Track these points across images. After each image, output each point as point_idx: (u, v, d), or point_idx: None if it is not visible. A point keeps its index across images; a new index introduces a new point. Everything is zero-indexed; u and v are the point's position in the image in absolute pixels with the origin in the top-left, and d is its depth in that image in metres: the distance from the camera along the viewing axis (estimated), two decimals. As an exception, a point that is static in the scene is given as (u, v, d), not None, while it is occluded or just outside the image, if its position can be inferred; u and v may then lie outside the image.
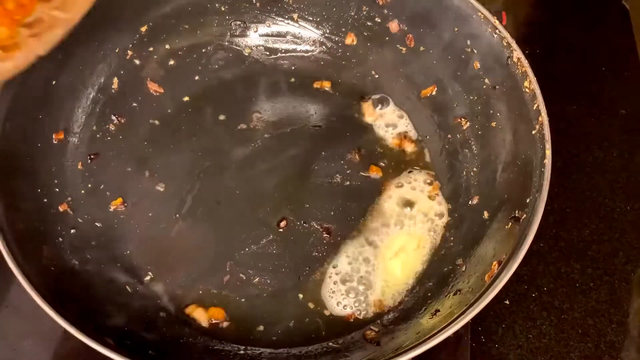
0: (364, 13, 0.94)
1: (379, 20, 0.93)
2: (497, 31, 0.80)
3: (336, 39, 0.99)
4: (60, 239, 0.79)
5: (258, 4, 0.99)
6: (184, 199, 0.88)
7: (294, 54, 1.01)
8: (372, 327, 0.78)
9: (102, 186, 0.87)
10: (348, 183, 0.90)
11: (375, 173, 0.90)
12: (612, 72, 1.10)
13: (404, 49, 0.93)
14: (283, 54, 1.01)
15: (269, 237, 0.85)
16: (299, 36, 1.00)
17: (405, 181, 0.90)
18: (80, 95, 0.90)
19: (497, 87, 0.83)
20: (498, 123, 0.83)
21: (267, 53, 1.01)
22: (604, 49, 1.14)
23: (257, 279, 0.82)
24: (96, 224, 0.84)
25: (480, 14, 0.81)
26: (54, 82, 0.85)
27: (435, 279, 0.80)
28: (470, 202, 0.84)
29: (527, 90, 0.77)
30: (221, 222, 0.86)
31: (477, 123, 0.87)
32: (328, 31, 0.99)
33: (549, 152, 0.73)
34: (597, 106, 1.06)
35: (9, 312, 0.82)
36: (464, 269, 0.77)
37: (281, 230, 0.86)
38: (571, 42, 1.15)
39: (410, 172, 0.91)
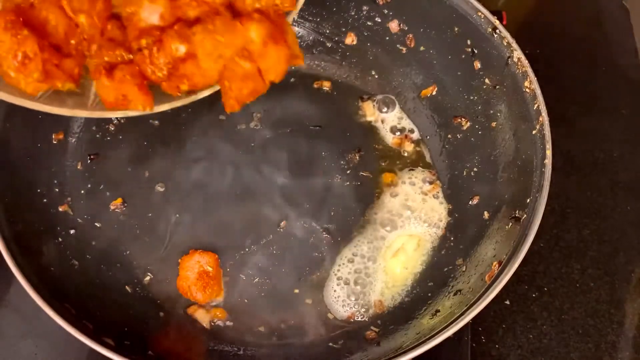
0: (364, 13, 0.93)
1: (379, 20, 0.93)
2: (497, 31, 0.80)
3: (336, 38, 0.99)
4: (60, 239, 0.79)
5: (258, 4, 0.99)
6: (184, 199, 0.87)
7: (294, 53, 1.01)
8: (372, 327, 0.78)
9: (102, 186, 0.87)
10: (348, 183, 0.90)
11: (388, 179, 0.90)
12: (612, 72, 1.10)
13: (404, 49, 0.93)
14: (283, 54, 1.01)
15: (269, 237, 0.85)
16: (299, 36, 1.00)
17: (406, 181, 0.90)
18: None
19: (497, 87, 0.83)
20: (498, 123, 0.83)
21: (267, 53, 1.01)
22: (604, 49, 1.14)
23: (257, 279, 0.82)
24: (96, 224, 0.84)
25: (480, 13, 0.81)
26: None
27: (435, 279, 0.80)
28: (470, 202, 0.84)
29: (527, 90, 0.77)
30: (221, 222, 0.86)
31: (477, 123, 0.87)
32: (328, 31, 0.99)
33: (549, 152, 0.73)
34: (597, 106, 1.06)
35: (9, 312, 0.82)
36: (464, 269, 0.77)
37: (281, 230, 0.85)
38: (571, 42, 1.14)
39: (410, 172, 0.91)
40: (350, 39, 0.98)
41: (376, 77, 0.98)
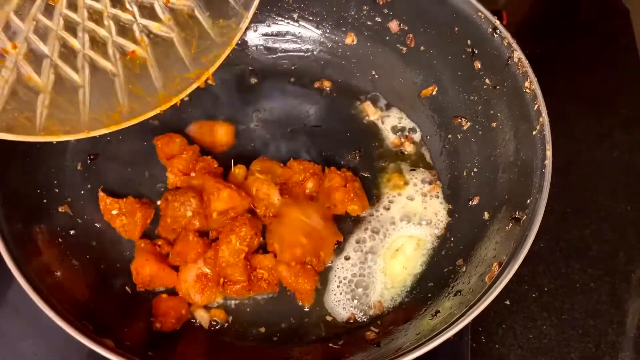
0: (364, 13, 0.93)
1: (379, 20, 0.93)
2: (497, 31, 0.80)
3: (336, 38, 0.99)
4: (60, 240, 0.79)
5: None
6: (184, 199, 0.87)
7: (294, 53, 1.01)
8: (372, 328, 0.78)
9: (102, 186, 0.87)
10: (348, 183, 0.90)
11: (397, 181, 0.89)
12: (612, 72, 1.10)
13: (404, 49, 0.93)
14: (283, 54, 1.01)
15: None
16: (299, 36, 1.00)
17: (406, 181, 0.90)
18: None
19: (497, 87, 0.83)
20: (498, 123, 0.83)
21: (267, 53, 1.01)
22: (604, 49, 1.14)
23: (257, 279, 0.82)
24: (96, 224, 0.84)
25: (480, 14, 0.81)
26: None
27: (435, 279, 0.80)
28: (470, 203, 0.84)
29: (527, 90, 0.77)
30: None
31: (477, 123, 0.87)
32: (328, 31, 0.99)
33: (549, 153, 0.73)
34: (597, 106, 1.06)
35: (9, 312, 0.82)
36: (464, 269, 0.77)
37: (281, 230, 0.85)
38: (571, 42, 1.15)
39: (410, 172, 0.91)
40: (350, 39, 0.98)
41: (376, 77, 0.98)
